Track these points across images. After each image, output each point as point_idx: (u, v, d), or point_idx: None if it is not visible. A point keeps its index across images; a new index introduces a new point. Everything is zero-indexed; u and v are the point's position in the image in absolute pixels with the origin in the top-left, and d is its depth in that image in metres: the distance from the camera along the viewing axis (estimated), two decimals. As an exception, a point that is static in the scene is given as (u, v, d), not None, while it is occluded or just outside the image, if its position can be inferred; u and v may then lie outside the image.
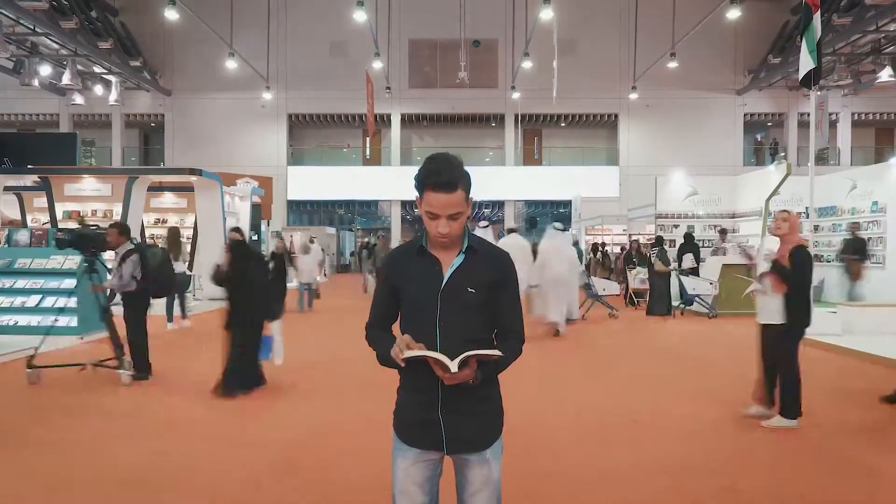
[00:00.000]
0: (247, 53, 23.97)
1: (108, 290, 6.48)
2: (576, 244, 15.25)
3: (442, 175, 1.84)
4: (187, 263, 11.92)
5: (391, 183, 27.04)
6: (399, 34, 26.66)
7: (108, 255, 7.07)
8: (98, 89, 24.96)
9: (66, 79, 21.89)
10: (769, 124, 29.16)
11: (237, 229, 6.23)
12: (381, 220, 30.97)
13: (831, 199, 13.70)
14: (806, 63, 8.23)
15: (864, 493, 3.57)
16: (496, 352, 1.81)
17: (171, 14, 17.64)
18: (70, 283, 8.53)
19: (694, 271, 12.62)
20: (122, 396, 5.71)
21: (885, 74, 22.02)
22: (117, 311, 6.28)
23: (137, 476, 3.72)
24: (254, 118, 27.38)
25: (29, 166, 14.12)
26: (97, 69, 24.50)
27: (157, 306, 8.30)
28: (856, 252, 11.86)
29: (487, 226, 10.65)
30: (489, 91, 27.18)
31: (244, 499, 3.43)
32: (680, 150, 26.32)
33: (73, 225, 12.80)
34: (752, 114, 27.71)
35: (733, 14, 18.38)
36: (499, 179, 26.96)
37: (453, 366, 1.74)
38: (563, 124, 29.10)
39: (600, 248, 20.12)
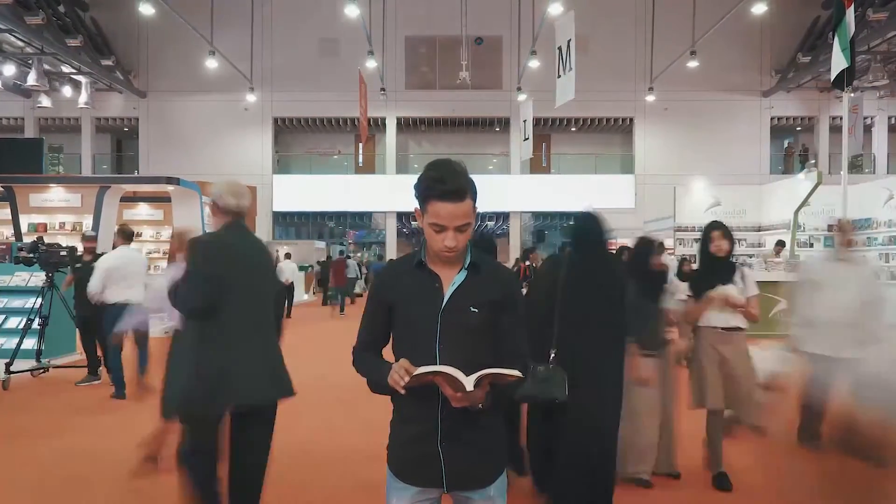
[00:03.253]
0: (228, 52, 24.08)
1: None
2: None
3: (449, 183, 1.83)
4: None
5: (386, 193, 27.08)
6: (395, 31, 26.81)
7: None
8: (66, 91, 25.05)
9: (31, 79, 21.95)
10: (798, 129, 29.23)
11: None
12: (375, 233, 30.98)
13: (866, 211, 13.70)
14: (838, 62, 8.27)
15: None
16: (515, 372, 1.77)
17: (146, 9, 17.76)
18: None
19: None
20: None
21: (924, 75, 22.16)
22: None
23: None
24: (236, 122, 27.46)
25: (-10, 174, 14.16)
26: (65, 69, 24.59)
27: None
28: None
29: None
30: (493, 93, 27.28)
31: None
32: (701, 157, 26.36)
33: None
34: (779, 117, 27.79)
35: (759, 9, 18.49)
36: (503, 189, 27.01)
37: (469, 383, 1.70)
38: (573, 129, 29.19)
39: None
